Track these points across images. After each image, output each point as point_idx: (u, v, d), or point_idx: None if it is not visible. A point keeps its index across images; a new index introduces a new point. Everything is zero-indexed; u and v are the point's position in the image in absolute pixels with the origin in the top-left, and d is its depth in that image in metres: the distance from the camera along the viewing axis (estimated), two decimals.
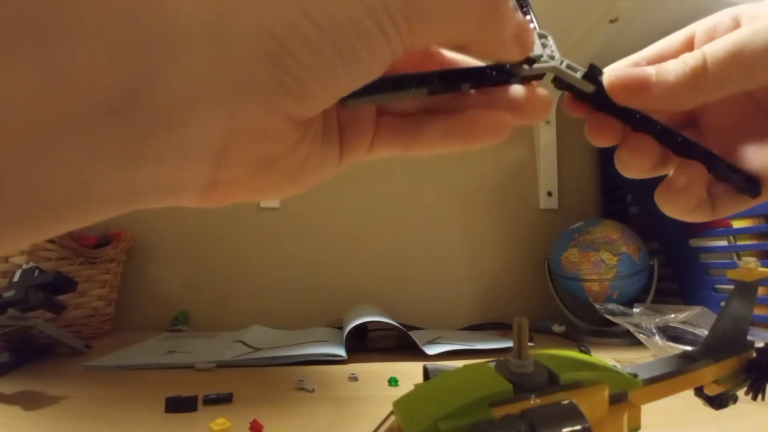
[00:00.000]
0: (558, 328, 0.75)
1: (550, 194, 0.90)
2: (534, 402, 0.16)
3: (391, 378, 0.46)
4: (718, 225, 0.62)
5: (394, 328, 0.62)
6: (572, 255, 0.71)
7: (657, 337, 0.51)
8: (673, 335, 0.52)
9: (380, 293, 0.83)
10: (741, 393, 0.25)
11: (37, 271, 0.52)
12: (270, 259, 0.84)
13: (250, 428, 0.33)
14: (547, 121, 0.90)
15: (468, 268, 0.88)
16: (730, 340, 0.24)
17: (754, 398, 0.24)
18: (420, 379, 0.19)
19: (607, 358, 0.41)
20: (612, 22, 0.63)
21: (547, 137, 0.90)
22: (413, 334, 0.61)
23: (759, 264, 0.25)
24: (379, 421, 0.17)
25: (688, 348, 0.26)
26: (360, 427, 0.35)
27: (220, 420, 0.33)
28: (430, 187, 0.89)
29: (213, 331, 0.75)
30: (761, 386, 0.24)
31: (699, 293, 0.66)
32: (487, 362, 0.18)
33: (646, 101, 0.19)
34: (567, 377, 0.17)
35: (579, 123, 0.22)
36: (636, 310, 0.56)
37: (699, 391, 0.24)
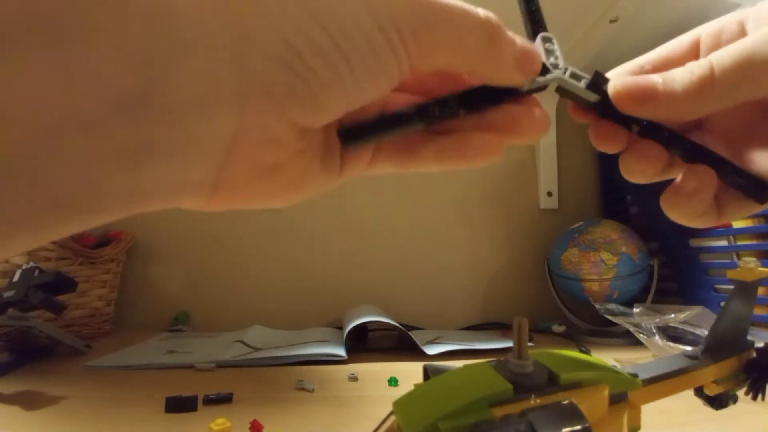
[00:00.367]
0: (558, 328, 0.75)
1: (550, 194, 0.90)
2: (534, 402, 0.16)
3: (391, 378, 0.46)
4: (718, 225, 0.62)
5: (394, 328, 0.62)
6: (572, 255, 0.71)
7: (657, 337, 0.51)
8: (673, 335, 0.52)
9: (380, 293, 0.83)
10: (741, 393, 0.25)
11: (37, 271, 0.52)
12: (270, 259, 0.84)
13: (250, 428, 0.33)
14: None
15: (468, 268, 0.88)
16: (730, 340, 0.24)
17: (754, 398, 0.24)
18: (420, 379, 0.19)
19: (607, 358, 0.41)
20: (612, 22, 0.63)
21: (547, 137, 0.90)
22: (413, 334, 0.61)
23: (759, 264, 0.25)
24: (379, 421, 0.17)
25: (688, 348, 0.26)
26: (360, 427, 0.35)
27: (220, 420, 0.33)
28: (430, 187, 0.89)
29: (213, 331, 0.75)
30: (761, 386, 0.24)
31: (699, 293, 0.66)
32: (487, 362, 0.18)
33: (653, 111, 0.19)
34: (567, 377, 0.17)
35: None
36: (636, 310, 0.56)
37: (699, 391, 0.24)
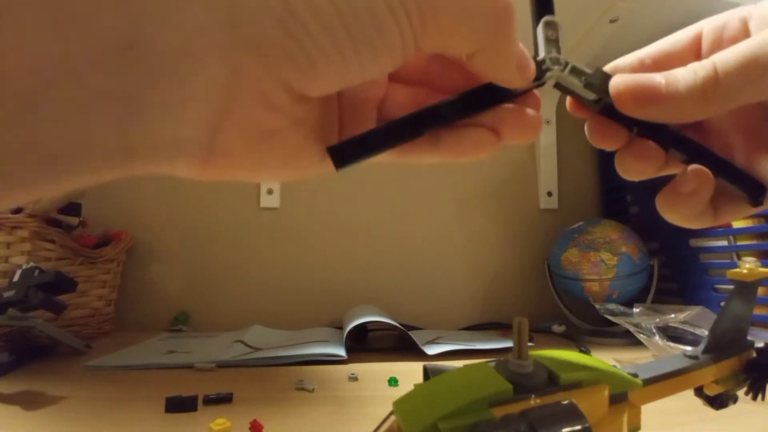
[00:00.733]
0: (558, 328, 0.75)
1: (550, 194, 0.90)
2: (534, 402, 0.16)
3: (391, 378, 0.46)
4: (718, 225, 0.62)
5: (394, 328, 0.62)
6: (572, 255, 0.71)
7: (657, 337, 0.51)
8: (673, 335, 0.52)
9: (380, 293, 0.83)
10: (741, 393, 0.25)
11: (37, 271, 0.52)
12: (270, 259, 0.84)
13: (250, 428, 0.33)
14: (547, 121, 0.90)
15: (468, 268, 0.88)
16: (730, 340, 0.24)
17: (754, 398, 0.24)
18: (420, 379, 0.19)
19: (607, 358, 0.41)
20: (612, 22, 0.63)
21: (547, 137, 0.90)
22: (413, 334, 0.61)
23: (759, 264, 0.25)
24: (379, 421, 0.17)
25: (688, 348, 0.26)
26: (360, 427, 0.35)
27: (220, 420, 0.33)
28: (430, 187, 0.89)
29: (213, 331, 0.75)
30: (761, 386, 0.24)
31: (699, 293, 0.66)
32: (487, 362, 0.18)
33: (654, 113, 0.18)
34: (567, 377, 0.17)
35: (579, 123, 0.22)
36: (636, 310, 0.56)
37: (699, 391, 0.24)
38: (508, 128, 0.19)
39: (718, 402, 0.24)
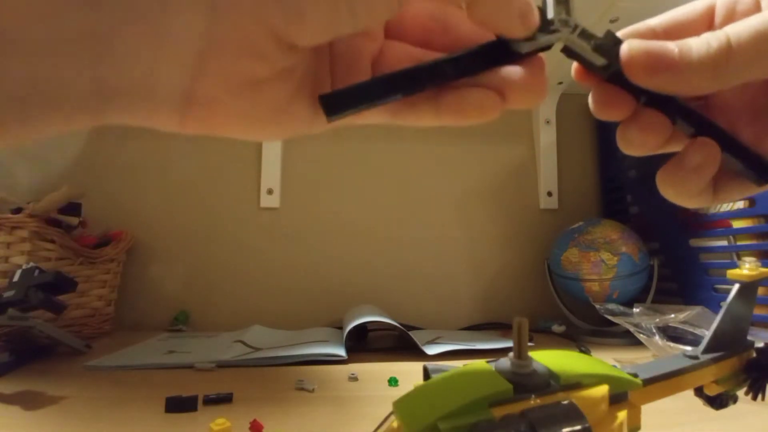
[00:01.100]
0: (558, 328, 0.75)
1: (550, 194, 0.90)
2: (534, 402, 0.16)
3: (391, 378, 0.46)
4: (718, 225, 0.62)
5: (394, 328, 0.62)
6: (572, 255, 0.71)
7: (657, 337, 0.51)
8: (673, 335, 0.52)
9: (380, 293, 0.83)
10: (741, 393, 0.25)
11: (37, 271, 0.52)
12: (270, 259, 0.84)
13: (250, 428, 0.33)
14: (547, 121, 0.90)
15: (468, 268, 0.88)
16: (730, 340, 0.24)
17: (754, 398, 0.24)
18: (420, 379, 0.19)
19: (607, 358, 0.41)
20: (612, 22, 0.63)
21: (547, 137, 0.90)
22: (413, 334, 0.61)
23: (759, 264, 0.25)
24: (379, 421, 0.17)
25: (688, 348, 0.26)
26: (360, 427, 0.35)
27: (220, 420, 0.33)
28: (430, 187, 0.89)
29: (213, 331, 0.75)
30: (761, 386, 0.24)
31: (699, 293, 0.66)
32: (487, 362, 0.18)
33: (665, 82, 0.18)
34: (567, 377, 0.17)
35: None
36: (636, 310, 0.56)
37: (699, 391, 0.24)
38: (513, 90, 0.18)
39: (718, 402, 0.24)
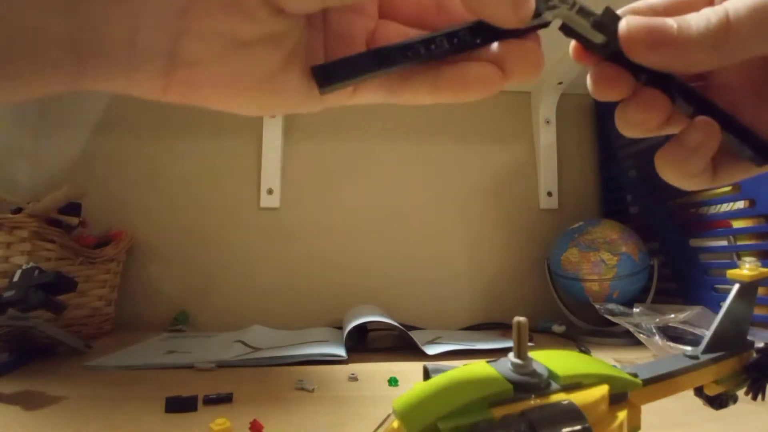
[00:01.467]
0: (558, 328, 0.75)
1: (550, 194, 0.90)
2: (534, 402, 0.16)
3: (391, 378, 0.46)
4: (718, 225, 0.62)
5: (394, 328, 0.62)
6: (572, 255, 0.71)
7: (657, 337, 0.51)
8: (673, 335, 0.52)
9: (380, 293, 0.83)
10: (741, 393, 0.25)
11: (37, 271, 0.52)
12: (270, 259, 0.84)
13: (250, 428, 0.33)
14: (547, 121, 0.89)
15: (468, 268, 0.88)
16: (730, 340, 0.24)
17: (754, 398, 0.24)
18: (420, 379, 0.19)
19: (607, 358, 0.41)
20: None
21: (547, 137, 0.90)
22: (413, 334, 0.61)
23: (759, 264, 0.25)
24: (379, 421, 0.17)
25: (688, 348, 0.26)
26: (360, 427, 0.35)
27: (220, 420, 0.33)
28: (430, 186, 0.89)
29: (213, 331, 0.75)
30: (761, 386, 0.24)
31: (699, 293, 0.66)
32: (487, 362, 0.18)
33: (663, 59, 0.17)
34: (567, 377, 0.17)
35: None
36: (636, 310, 0.56)
37: (699, 391, 0.24)
38: (513, 63, 0.18)
39: (718, 402, 0.24)
